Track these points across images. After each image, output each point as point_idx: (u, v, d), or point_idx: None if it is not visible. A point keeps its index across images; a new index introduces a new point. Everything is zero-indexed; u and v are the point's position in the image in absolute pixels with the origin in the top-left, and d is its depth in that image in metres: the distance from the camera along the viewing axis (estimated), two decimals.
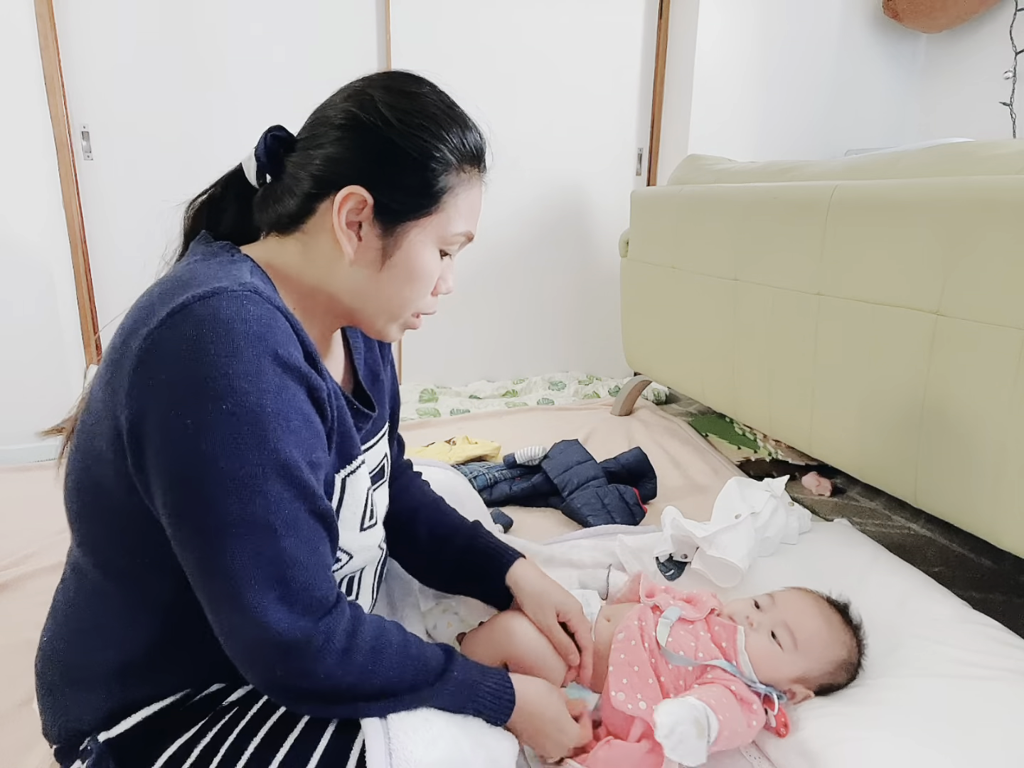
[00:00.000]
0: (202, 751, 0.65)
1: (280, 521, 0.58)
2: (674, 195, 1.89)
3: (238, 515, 0.56)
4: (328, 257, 0.68)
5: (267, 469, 0.57)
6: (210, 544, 0.57)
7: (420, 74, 0.69)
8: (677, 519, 1.20)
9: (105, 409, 0.60)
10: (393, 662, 0.66)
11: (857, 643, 0.93)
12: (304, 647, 0.60)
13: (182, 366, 0.55)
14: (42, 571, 1.31)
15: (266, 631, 0.58)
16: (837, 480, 1.73)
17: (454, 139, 0.67)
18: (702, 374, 1.86)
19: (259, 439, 0.56)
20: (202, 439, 0.55)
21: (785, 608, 0.94)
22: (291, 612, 0.59)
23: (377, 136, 0.65)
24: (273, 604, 0.58)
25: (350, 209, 0.65)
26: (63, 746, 0.71)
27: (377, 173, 0.65)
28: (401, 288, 0.70)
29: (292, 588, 0.59)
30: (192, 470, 0.55)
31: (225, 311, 0.56)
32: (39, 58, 1.85)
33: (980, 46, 2.54)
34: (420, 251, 0.68)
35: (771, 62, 2.55)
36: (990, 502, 1.08)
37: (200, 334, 0.55)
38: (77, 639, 0.69)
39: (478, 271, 2.54)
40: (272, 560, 0.58)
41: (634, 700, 0.82)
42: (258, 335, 0.56)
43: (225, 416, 0.55)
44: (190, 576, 0.60)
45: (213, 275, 0.59)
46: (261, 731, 0.66)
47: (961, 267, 1.07)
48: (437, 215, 0.68)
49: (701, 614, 0.94)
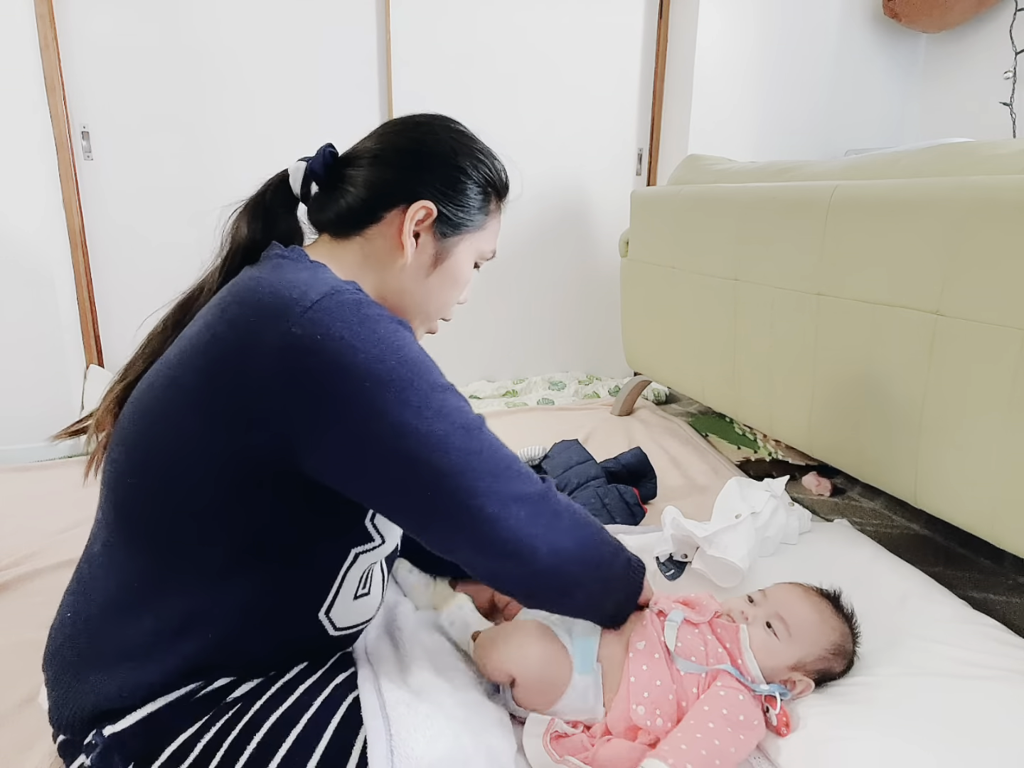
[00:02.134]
0: (205, 746, 0.66)
1: (474, 421, 0.69)
2: (674, 195, 1.89)
3: (448, 426, 0.65)
4: (385, 259, 0.77)
5: (446, 394, 0.67)
6: (440, 464, 0.65)
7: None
8: (677, 519, 1.20)
9: (217, 399, 0.64)
10: (593, 532, 0.80)
11: (850, 629, 0.94)
12: (547, 498, 0.74)
13: (341, 348, 0.62)
14: (42, 571, 1.31)
15: (521, 498, 0.70)
16: (837, 480, 1.73)
17: (500, 172, 0.83)
18: (702, 374, 1.86)
19: (429, 375, 0.66)
20: (388, 391, 0.63)
21: (776, 599, 0.95)
22: (528, 478, 0.73)
23: (443, 161, 0.78)
24: (512, 475, 0.71)
25: (418, 220, 0.76)
26: (67, 740, 0.71)
27: (441, 191, 0.77)
28: (442, 292, 0.82)
29: (517, 461, 0.73)
30: (395, 427, 0.63)
31: (351, 300, 0.65)
32: (39, 58, 1.85)
33: (980, 46, 2.54)
34: (464, 261, 0.82)
35: (771, 62, 2.55)
36: (990, 502, 1.08)
37: (341, 319, 0.63)
38: (105, 616, 0.70)
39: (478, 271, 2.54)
40: (491, 448, 0.69)
41: (653, 716, 0.82)
42: (381, 312, 0.66)
43: (398, 364, 0.63)
44: (423, 519, 0.69)
45: (321, 279, 0.67)
46: (264, 727, 0.67)
47: (961, 267, 1.07)
48: (480, 232, 0.82)
49: (705, 617, 0.94)
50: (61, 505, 1.58)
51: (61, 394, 1.92)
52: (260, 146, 2.16)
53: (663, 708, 0.83)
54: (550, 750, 0.83)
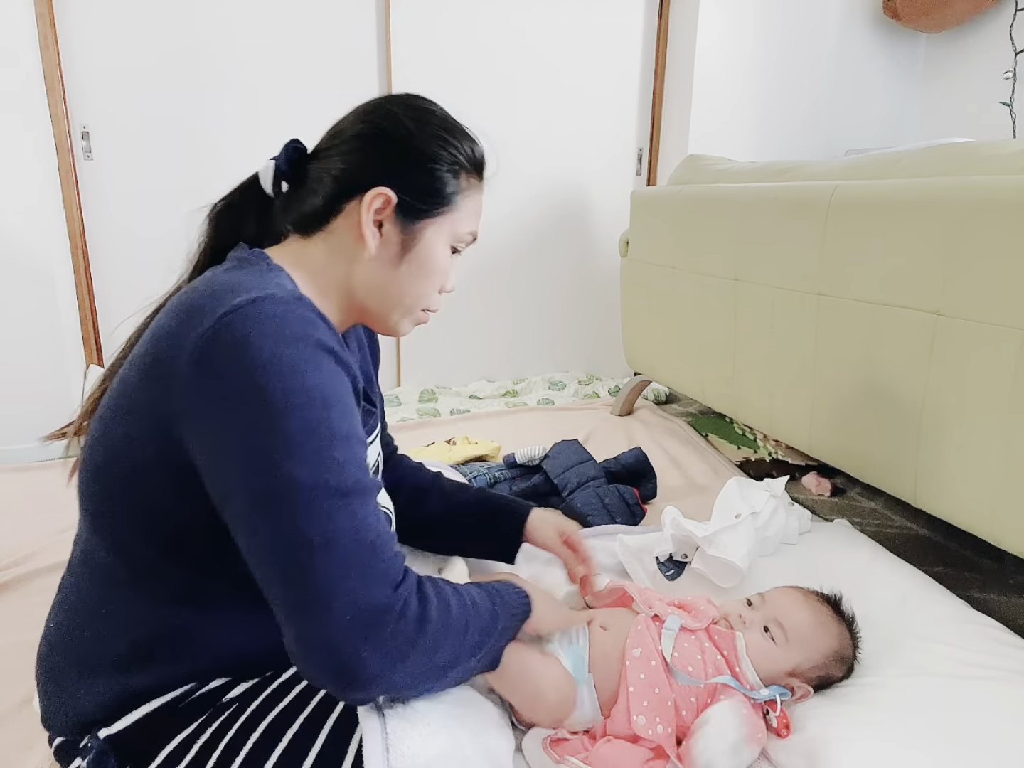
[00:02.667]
0: (201, 747, 0.66)
1: (348, 486, 0.60)
2: (674, 195, 1.89)
3: (312, 482, 0.58)
4: (350, 252, 0.74)
5: (334, 442, 0.60)
6: (288, 515, 0.58)
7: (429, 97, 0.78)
8: (677, 519, 1.20)
9: (149, 398, 0.63)
10: (459, 619, 0.67)
11: (850, 635, 0.93)
12: (387, 614, 0.59)
13: (240, 359, 0.58)
14: (42, 571, 1.31)
15: (355, 602, 0.58)
16: (837, 480, 1.73)
17: (464, 148, 0.76)
18: (702, 374, 1.86)
19: (320, 414, 0.59)
20: (266, 417, 0.58)
21: (774, 604, 0.95)
22: (379, 581, 0.60)
23: (400, 143, 0.73)
24: (357, 573, 0.58)
25: (377, 208, 0.72)
26: (63, 743, 0.71)
27: (399, 175, 0.72)
28: (417, 282, 0.77)
29: (376, 555, 0.60)
30: (260, 446, 0.58)
31: (274, 311, 0.61)
32: (39, 58, 1.85)
33: (980, 46, 2.54)
34: (435, 247, 0.76)
35: (771, 62, 2.55)
36: (990, 502, 1.08)
37: (254, 330, 0.59)
38: (86, 624, 0.70)
39: (478, 271, 2.54)
40: (347, 523, 0.59)
41: (653, 725, 0.81)
42: (306, 332, 0.61)
43: (285, 394, 0.58)
44: (254, 556, 0.60)
45: (257, 282, 0.64)
46: (260, 727, 0.66)
47: (961, 267, 1.07)
48: (450, 214, 0.76)
49: (702, 623, 0.93)
50: (61, 505, 1.57)
51: (61, 394, 1.92)
52: (260, 146, 2.14)
53: (663, 715, 0.82)
54: (550, 751, 0.82)
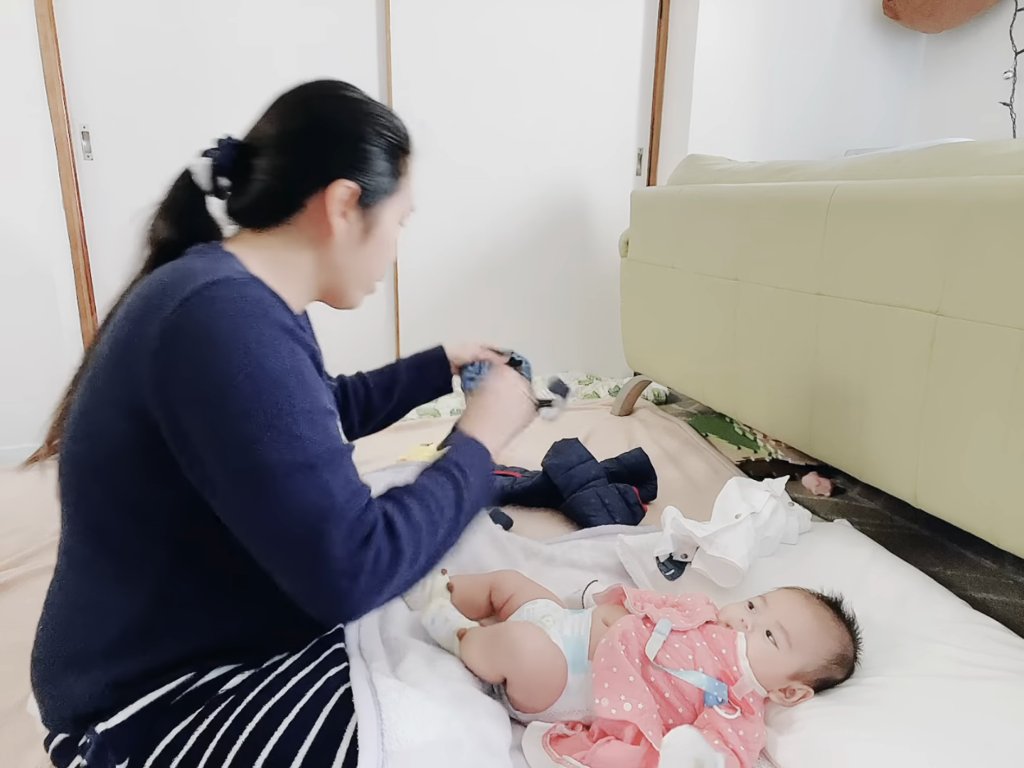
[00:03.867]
0: (199, 737, 0.66)
1: (316, 458, 0.63)
2: (674, 195, 1.89)
3: (279, 460, 0.61)
4: (314, 242, 0.77)
5: (298, 418, 0.63)
6: (264, 493, 0.61)
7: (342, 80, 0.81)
8: (677, 519, 1.20)
9: (118, 389, 0.65)
10: (429, 530, 0.71)
11: (851, 637, 0.93)
12: (363, 564, 0.63)
13: (201, 344, 0.61)
14: (42, 571, 1.31)
15: (326, 560, 0.62)
16: (837, 480, 1.73)
17: (399, 129, 0.80)
18: (702, 374, 1.86)
19: (282, 393, 0.62)
20: (232, 402, 0.61)
21: (776, 607, 0.94)
22: (346, 542, 0.63)
23: (348, 134, 0.76)
24: (330, 537, 0.62)
25: (342, 198, 0.75)
26: (61, 743, 0.71)
27: (355, 165, 0.76)
28: (378, 259, 0.83)
29: (343, 518, 0.63)
30: (230, 431, 0.61)
31: (230, 293, 0.64)
32: (39, 58, 1.85)
33: (980, 46, 2.54)
34: (391, 226, 0.82)
35: (771, 62, 2.55)
36: (990, 502, 1.08)
37: (213, 314, 0.62)
38: (74, 621, 0.71)
39: (478, 271, 2.54)
40: (318, 494, 0.62)
41: (618, 703, 0.82)
42: (263, 311, 0.64)
43: (247, 378, 0.61)
44: (241, 533, 0.64)
45: (212, 267, 0.66)
46: (256, 716, 0.67)
47: (961, 267, 1.07)
48: (399, 194, 0.82)
49: (694, 623, 0.93)
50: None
51: (60, 394, 1.92)
52: None
53: (628, 692, 0.82)
54: (549, 749, 0.83)
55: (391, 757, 0.64)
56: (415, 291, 2.48)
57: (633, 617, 0.94)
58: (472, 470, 0.78)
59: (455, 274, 2.52)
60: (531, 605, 0.99)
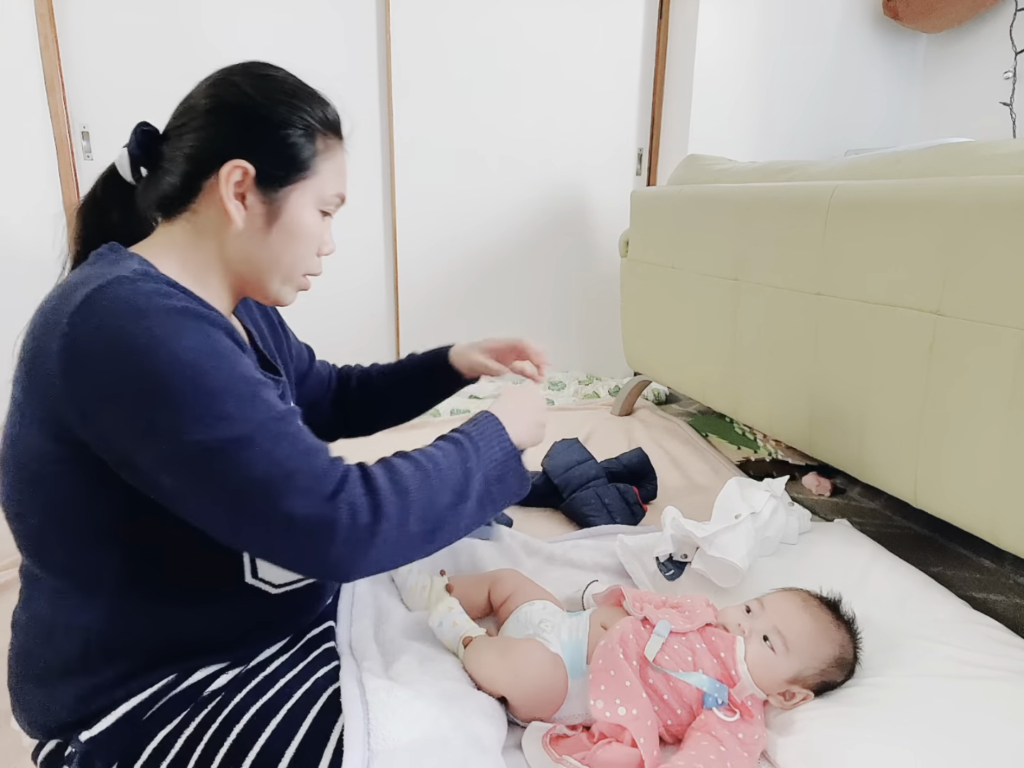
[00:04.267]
0: (186, 740, 0.66)
1: (254, 432, 0.61)
2: (674, 195, 1.89)
3: (213, 441, 0.59)
4: (218, 229, 0.73)
5: (220, 395, 0.60)
6: (209, 478, 0.60)
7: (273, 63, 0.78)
8: (677, 519, 1.20)
9: (37, 408, 0.63)
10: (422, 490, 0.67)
11: (851, 638, 0.93)
12: (333, 523, 0.61)
13: (103, 351, 0.59)
14: None
15: (293, 525, 0.60)
16: (837, 480, 1.73)
17: (315, 110, 0.75)
18: (702, 374, 1.86)
19: (196, 375, 0.60)
20: (148, 397, 0.59)
21: (774, 611, 0.94)
22: (308, 500, 0.60)
23: (247, 113, 0.72)
24: (289, 500, 0.60)
25: (236, 181, 0.71)
26: (49, 754, 0.71)
27: (253, 145, 0.71)
28: (288, 249, 0.76)
29: (297, 482, 0.61)
30: (156, 426, 0.59)
31: (119, 292, 0.61)
32: (39, 58, 1.85)
33: (980, 46, 2.54)
34: (302, 212, 0.75)
35: (771, 62, 2.55)
36: (990, 502, 1.08)
37: (108, 317, 0.60)
38: (40, 641, 0.70)
39: (478, 270, 2.54)
40: (263, 466, 0.60)
41: (613, 707, 0.82)
42: (157, 302, 0.61)
43: (156, 370, 0.59)
44: (203, 526, 0.63)
45: (102, 271, 0.64)
46: (244, 717, 0.67)
47: (961, 267, 1.07)
48: (312, 179, 0.75)
49: (694, 624, 0.93)
50: None
51: None
52: None
53: (623, 696, 0.82)
54: (549, 749, 0.82)
55: (377, 756, 0.64)
56: (415, 291, 2.48)
57: (632, 619, 0.93)
58: (483, 439, 0.75)
59: (455, 274, 2.52)
60: (528, 607, 0.99)
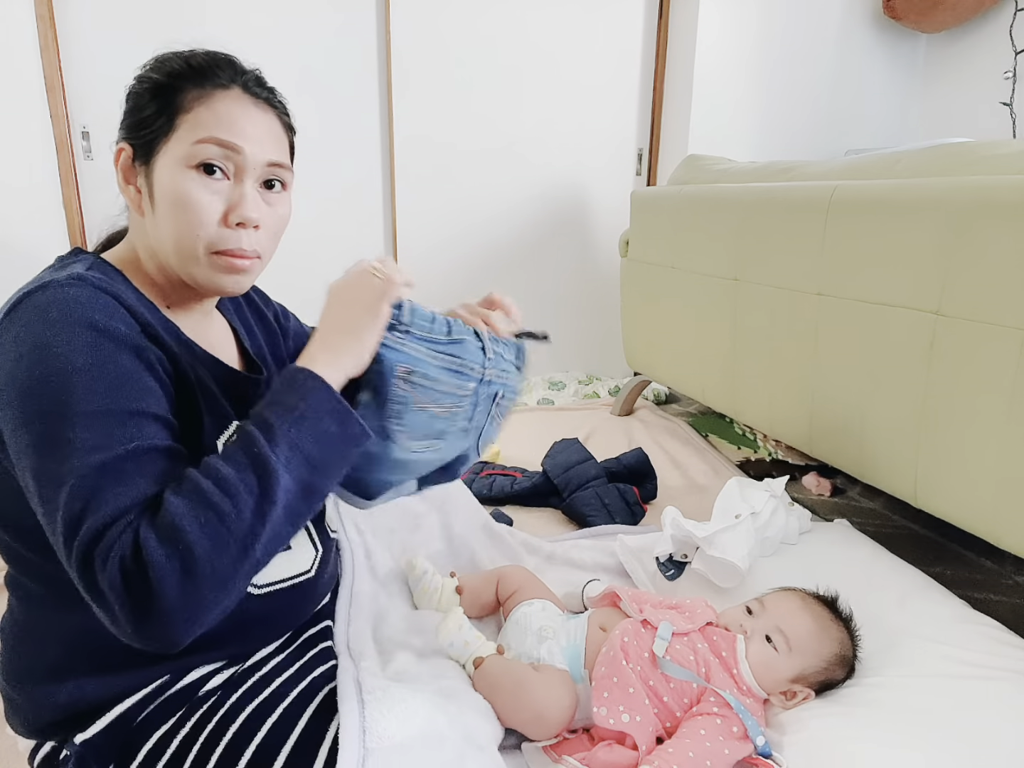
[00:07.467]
0: (182, 740, 0.66)
1: (79, 465, 0.56)
2: (674, 195, 1.89)
3: (42, 467, 0.57)
4: (136, 223, 0.73)
5: (69, 421, 0.57)
6: (36, 495, 0.58)
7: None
8: (677, 519, 1.20)
9: None
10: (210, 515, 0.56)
11: (849, 635, 0.93)
12: (94, 590, 0.55)
13: (5, 354, 0.60)
14: None
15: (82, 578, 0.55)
16: (837, 480, 1.73)
17: (172, 65, 0.69)
18: (702, 374, 1.86)
19: (63, 394, 0.58)
20: (20, 407, 0.59)
21: (775, 611, 0.94)
22: (82, 561, 0.55)
23: (128, 96, 0.71)
24: (69, 548, 0.55)
25: (122, 165, 0.70)
26: (45, 757, 0.71)
27: (125, 124, 0.70)
28: (173, 221, 0.67)
29: (76, 529, 0.55)
30: (18, 437, 0.59)
31: (46, 299, 0.61)
32: (39, 58, 1.85)
33: (980, 46, 2.54)
34: (171, 175, 0.67)
35: (771, 62, 2.55)
36: (990, 502, 1.08)
37: (20, 323, 0.60)
38: (31, 645, 0.70)
39: (478, 270, 2.54)
40: (77, 505, 0.55)
41: (616, 714, 0.81)
42: (72, 311, 0.60)
43: (37, 381, 0.58)
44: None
45: (42, 276, 0.64)
46: (240, 717, 0.67)
47: (961, 267, 1.07)
48: (173, 134, 0.67)
49: (695, 624, 0.93)
50: None
51: None
52: None
53: (627, 703, 0.82)
54: (548, 750, 0.83)
55: (372, 754, 0.64)
56: (415, 289, 2.47)
57: (631, 621, 0.93)
58: (283, 420, 0.60)
59: (455, 273, 2.52)
60: (527, 607, 0.98)
